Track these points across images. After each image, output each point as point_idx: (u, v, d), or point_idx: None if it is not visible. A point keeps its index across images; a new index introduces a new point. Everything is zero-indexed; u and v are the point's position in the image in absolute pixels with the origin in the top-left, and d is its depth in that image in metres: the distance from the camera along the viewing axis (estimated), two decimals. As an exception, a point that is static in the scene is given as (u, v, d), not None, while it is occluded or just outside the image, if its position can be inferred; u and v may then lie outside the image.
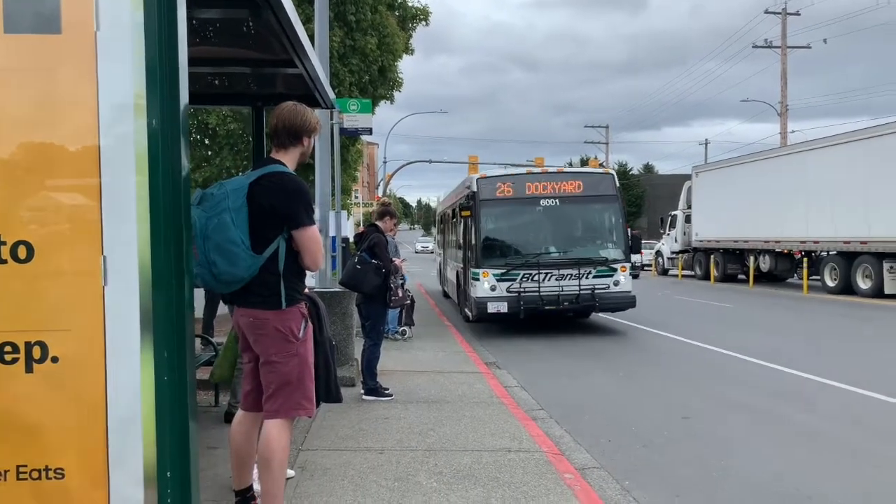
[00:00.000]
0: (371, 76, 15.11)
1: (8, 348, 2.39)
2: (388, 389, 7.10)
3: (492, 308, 11.77)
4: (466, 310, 13.27)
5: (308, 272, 3.71)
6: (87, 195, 2.39)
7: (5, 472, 2.41)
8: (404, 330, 11.53)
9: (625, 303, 12.31)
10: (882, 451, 5.61)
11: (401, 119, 37.35)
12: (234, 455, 3.65)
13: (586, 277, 11.96)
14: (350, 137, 14.68)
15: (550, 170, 13.38)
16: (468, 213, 12.48)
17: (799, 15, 34.80)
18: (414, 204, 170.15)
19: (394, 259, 7.32)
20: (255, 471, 3.78)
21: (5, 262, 2.38)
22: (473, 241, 12.43)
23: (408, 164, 42.96)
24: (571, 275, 11.94)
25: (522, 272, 11.97)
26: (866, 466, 5.25)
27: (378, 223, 7.28)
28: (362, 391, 7.11)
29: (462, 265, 14.00)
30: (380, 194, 47.39)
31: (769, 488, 4.76)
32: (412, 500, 4.23)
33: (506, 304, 11.79)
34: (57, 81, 2.40)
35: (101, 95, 2.39)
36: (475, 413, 6.45)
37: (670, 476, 5.07)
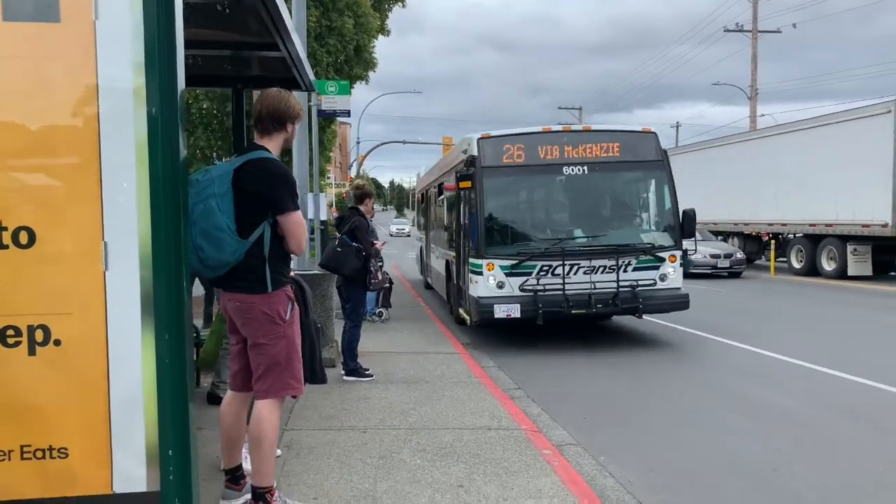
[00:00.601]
0: (347, 56, 15.06)
1: (10, 332, 2.45)
2: (368, 370, 7.22)
3: (500, 312, 8.95)
4: (462, 311, 10.51)
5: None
6: (87, 181, 2.44)
7: (9, 451, 2.47)
8: (381, 311, 11.63)
9: (675, 303, 9.44)
10: (854, 433, 5.87)
11: (374, 99, 37.26)
12: (223, 435, 3.73)
13: (625, 270, 9.19)
14: (326, 119, 14.63)
15: (574, 127, 10.17)
16: (468, 183, 9.36)
17: (769, -1, 35.16)
18: (386, 185, 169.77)
19: (374, 242, 7.42)
20: (244, 450, 3.88)
21: (7, 247, 2.42)
22: (474, 223, 9.44)
23: (381, 144, 42.87)
24: (606, 267, 9.14)
25: (540, 264, 9.12)
26: (834, 446, 5.50)
27: (359, 206, 7.36)
28: (342, 372, 7.21)
29: (455, 253, 11.08)
30: (353, 175, 47.23)
31: (738, 462, 4.97)
32: (397, 477, 4.36)
33: (518, 306, 8.94)
34: (56, 69, 2.44)
35: (100, 83, 2.44)
36: (454, 392, 6.60)
37: (644, 453, 5.26)
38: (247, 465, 3.86)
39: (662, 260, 9.43)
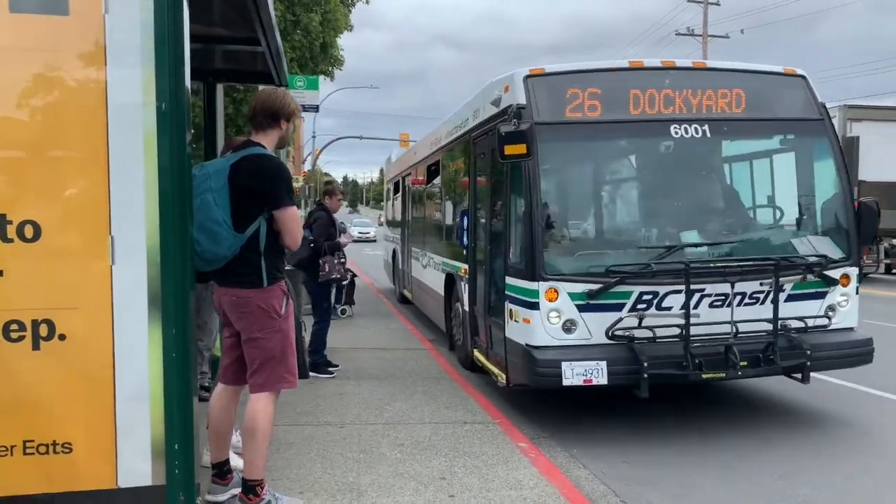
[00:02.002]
0: (312, 53, 14.93)
1: (14, 326, 2.43)
2: (332, 367, 7.19)
3: (573, 375, 5.10)
4: (484, 358, 6.63)
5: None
6: (94, 176, 2.44)
7: (11, 447, 2.46)
8: (344, 309, 11.60)
9: (852, 355, 5.75)
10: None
11: (330, 94, 36.90)
12: (212, 429, 3.73)
13: (775, 299, 5.37)
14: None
15: (681, 63, 6.03)
16: (521, 148, 5.10)
17: (719, 5, 36.15)
18: (340, 180, 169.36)
19: (343, 235, 7.57)
20: (232, 445, 3.89)
21: (11, 241, 2.41)
22: (519, 219, 5.67)
23: (338, 139, 42.56)
24: (747, 295, 5.47)
25: (639, 290, 5.31)
26: (774, 420, 5.75)
27: (325, 201, 7.52)
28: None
29: (468, 266, 7.13)
30: (306, 170, 46.80)
31: (706, 452, 5.16)
32: (379, 470, 4.42)
33: (604, 364, 5.12)
34: (64, 62, 2.43)
35: (109, 77, 2.44)
36: (426, 388, 6.67)
37: (616, 444, 5.40)
38: (234, 462, 3.87)
39: (833, 282, 5.75)
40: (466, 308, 7.28)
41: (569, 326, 5.32)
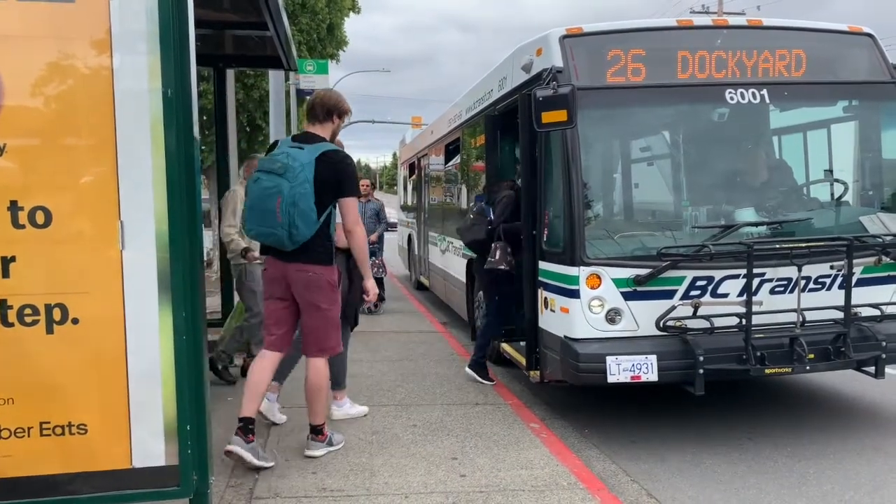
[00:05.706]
0: (319, 35, 14.92)
1: (28, 311, 2.48)
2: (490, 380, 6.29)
3: (619, 371, 4.64)
4: (514, 350, 6.32)
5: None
6: (103, 161, 2.48)
7: (28, 428, 2.51)
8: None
9: None
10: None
11: (342, 77, 36.83)
12: (249, 384, 4.12)
13: (841, 285, 4.92)
14: (300, 98, 14.52)
15: (734, 21, 5.77)
16: (562, 114, 4.56)
17: (735, -19, 35.65)
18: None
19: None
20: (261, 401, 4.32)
21: (23, 227, 2.44)
22: (555, 197, 5.12)
23: (350, 123, 42.47)
24: (812, 280, 4.98)
25: (692, 275, 4.81)
26: (802, 405, 5.74)
27: None
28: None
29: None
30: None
31: (718, 432, 5.17)
32: (392, 451, 4.47)
33: (654, 359, 4.65)
34: (71, 49, 2.45)
35: (115, 64, 2.46)
36: (439, 370, 6.71)
37: (625, 424, 5.43)
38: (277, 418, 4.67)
39: None
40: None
41: (613, 317, 4.80)
